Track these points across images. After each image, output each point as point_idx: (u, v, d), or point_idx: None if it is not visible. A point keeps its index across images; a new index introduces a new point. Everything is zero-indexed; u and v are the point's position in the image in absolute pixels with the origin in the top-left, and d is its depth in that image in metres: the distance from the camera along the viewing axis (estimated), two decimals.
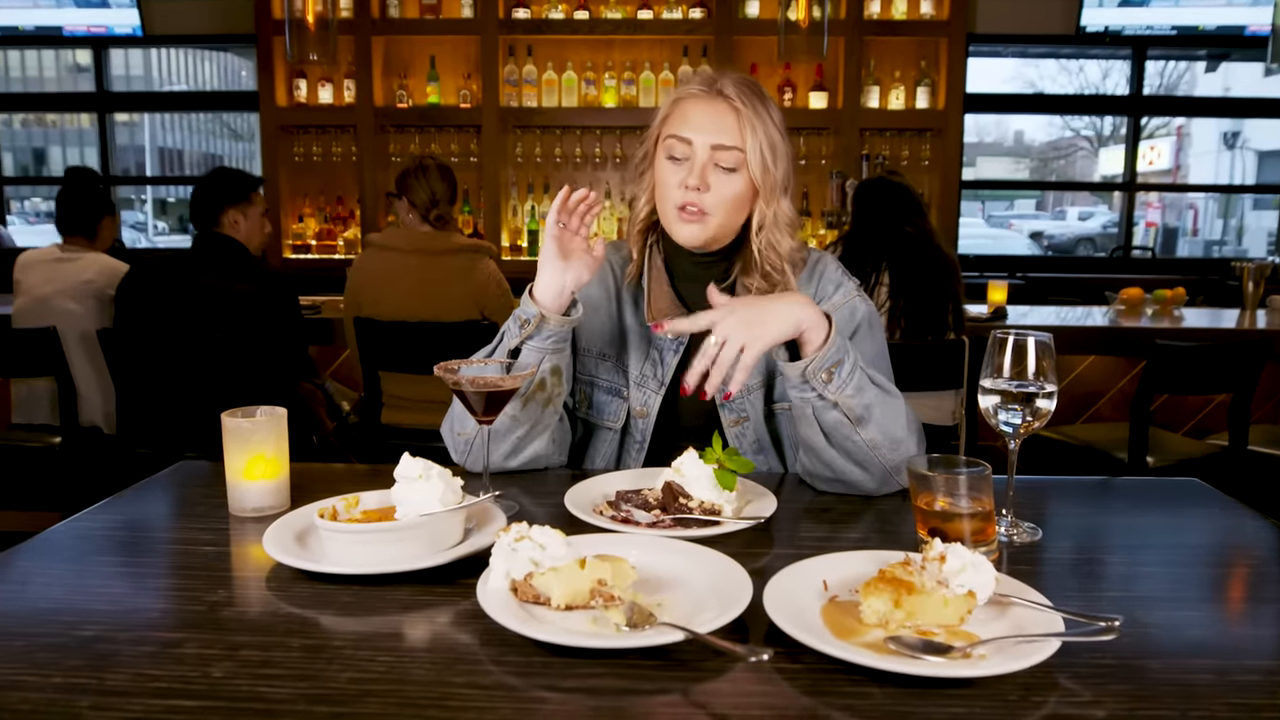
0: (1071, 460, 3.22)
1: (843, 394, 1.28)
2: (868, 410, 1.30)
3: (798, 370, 1.28)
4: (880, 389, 1.33)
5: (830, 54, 4.81)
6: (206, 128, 20.16)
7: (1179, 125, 12.38)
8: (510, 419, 1.37)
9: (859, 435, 1.30)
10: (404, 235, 3.04)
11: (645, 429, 1.52)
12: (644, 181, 1.53)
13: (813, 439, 1.32)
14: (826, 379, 1.27)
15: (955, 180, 5.32)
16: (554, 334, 1.35)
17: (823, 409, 1.30)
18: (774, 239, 1.46)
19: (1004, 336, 1.14)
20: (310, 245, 5.51)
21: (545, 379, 1.36)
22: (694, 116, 1.44)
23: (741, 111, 1.42)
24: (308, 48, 3.59)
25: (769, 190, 1.44)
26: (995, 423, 1.16)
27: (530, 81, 5.22)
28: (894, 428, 1.32)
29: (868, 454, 1.31)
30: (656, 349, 1.53)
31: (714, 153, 1.42)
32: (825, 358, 1.27)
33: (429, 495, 1.04)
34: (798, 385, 1.30)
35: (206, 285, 2.83)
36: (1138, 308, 4.14)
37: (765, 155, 1.42)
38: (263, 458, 1.20)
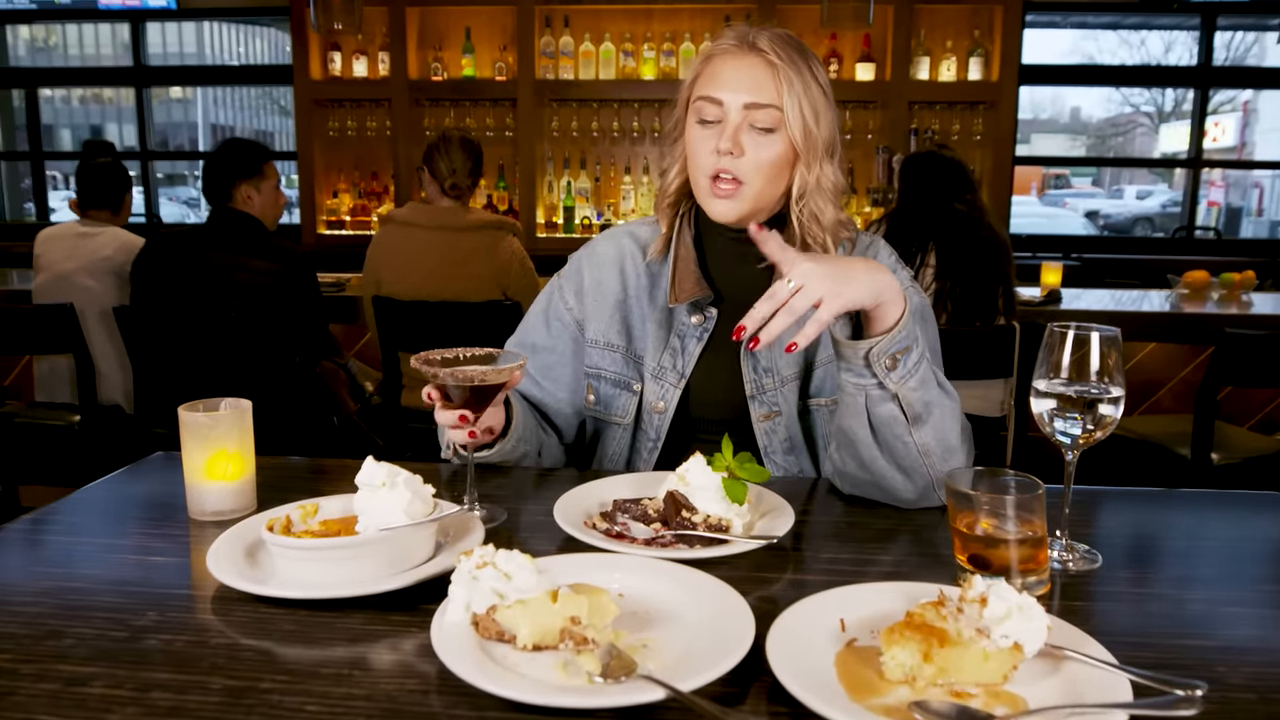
0: (1129, 456, 3.01)
1: (905, 385, 1.13)
2: (927, 409, 1.15)
3: (861, 351, 1.12)
4: (942, 389, 1.18)
5: (878, 23, 4.58)
6: (256, 103, 20.31)
7: (1245, 100, 11.85)
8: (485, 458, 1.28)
9: (912, 436, 1.14)
10: (425, 211, 2.92)
11: (661, 425, 1.39)
12: (675, 150, 1.39)
13: (857, 432, 1.17)
14: (890, 365, 1.12)
15: (1008, 156, 5.07)
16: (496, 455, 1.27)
17: (879, 399, 1.14)
18: (817, 208, 1.32)
19: (1062, 330, 0.97)
20: (345, 221, 5.43)
21: (506, 459, 1.30)
22: (725, 74, 1.29)
23: (778, 65, 1.27)
24: (333, 17, 3.47)
25: (810, 153, 1.29)
26: (1050, 431, 1.00)
27: (567, 53, 5.07)
28: (950, 434, 1.16)
29: (916, 459, 1.15)
30: (678, 337, 1.38)
31: (748, 113, 1.27)
32: (895, 340, 1.11)
33: (393, 506, 0.91)
34: (857, 369, 1.14)
35: (221, 262, 2.74)
36: (1202, 292, 3.89)
37: (805, 114, 1.27)
38: (224, 454, 1.08)
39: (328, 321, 3.11)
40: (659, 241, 1.41)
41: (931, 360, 1.20)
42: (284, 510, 0.99)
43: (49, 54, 14.21)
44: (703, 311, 1.38)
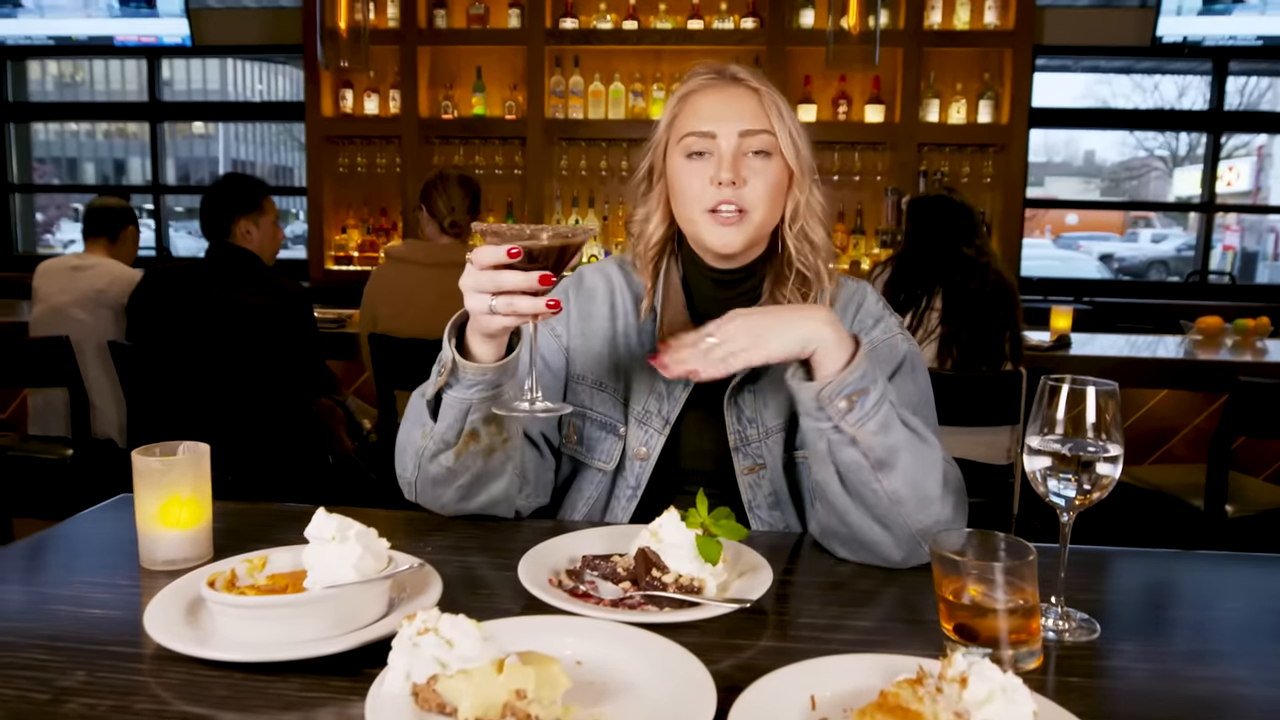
0: (1139, 507, 2.93)
1: (863, 429, 1.08)
2: (892, 454, 1.09)
3: (812, 392, 1.09)
4: (913, 433, 1.12)
5: (887, 65, 4.58)
6: (276, 139, 20.58)
7: (1260, 145, 11.81)
8: (445, 469, 1.18)
9: (880, 483, 1.09)
10: (422, 248, 2.89)
11: (642, 473, 1.32)
12: (651, 199, 1.35)
13: (829, 483, 1.12)
14: (846, 407, 1.07)
15: (1019, 199, 5.03)
16: (478, 382, 1.11)
17: (839, 444, 1.09)
18: (809, 228, 1.30)
19: (1055, 384, 0.92)
20: (353, 257, 5.44)
21: (478, 430, 1.15)
22: (710, 106, 1.27)
23: (762, 91, 1.27)
24: (340, 54, 3.49)
25: (803, 174, 1.28)
26: (1043, 491, 0.94)
27: (576, 93, 5.09)
28: (924, 482, 1.10)
29: (889, 508, 1.09)
30: (664, 381, 1.32)
31: (742, 140, 1.25)
32: (845, 382, 1.07)
33: (343, 561, 0.86)
34: (812, 411, 1.10)
35: (219, 297, 2.72)
36: (1216, 338, 3.81)
37: (794, 135, 1.27)
38: (178, 500, 1.04)
39: (324, 358, 3.08)
40: (648, 298, 1.36)
41: (919, 409, 1.15)
42: (231, 563, 0.94)
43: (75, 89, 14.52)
44: None
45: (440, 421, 1.15)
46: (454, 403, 1.13)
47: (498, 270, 1.00)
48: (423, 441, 1.17)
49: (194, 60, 9.69)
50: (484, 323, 1.05)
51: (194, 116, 8.43)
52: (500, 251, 0.99)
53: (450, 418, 1.14)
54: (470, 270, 1.02)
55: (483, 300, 1.01)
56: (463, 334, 1.12)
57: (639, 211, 1.38)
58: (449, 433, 1.14)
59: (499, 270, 1.00)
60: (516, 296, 1.00)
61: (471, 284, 1.02)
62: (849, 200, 5.06)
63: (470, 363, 1.10)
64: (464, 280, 1.03)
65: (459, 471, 1.18)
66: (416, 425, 1.19)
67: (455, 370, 1.11)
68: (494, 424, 1.15)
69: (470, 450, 1.16)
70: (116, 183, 12.62)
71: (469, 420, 1.14)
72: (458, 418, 1.13)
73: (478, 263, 1.00)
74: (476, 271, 1.01)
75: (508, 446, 1.18)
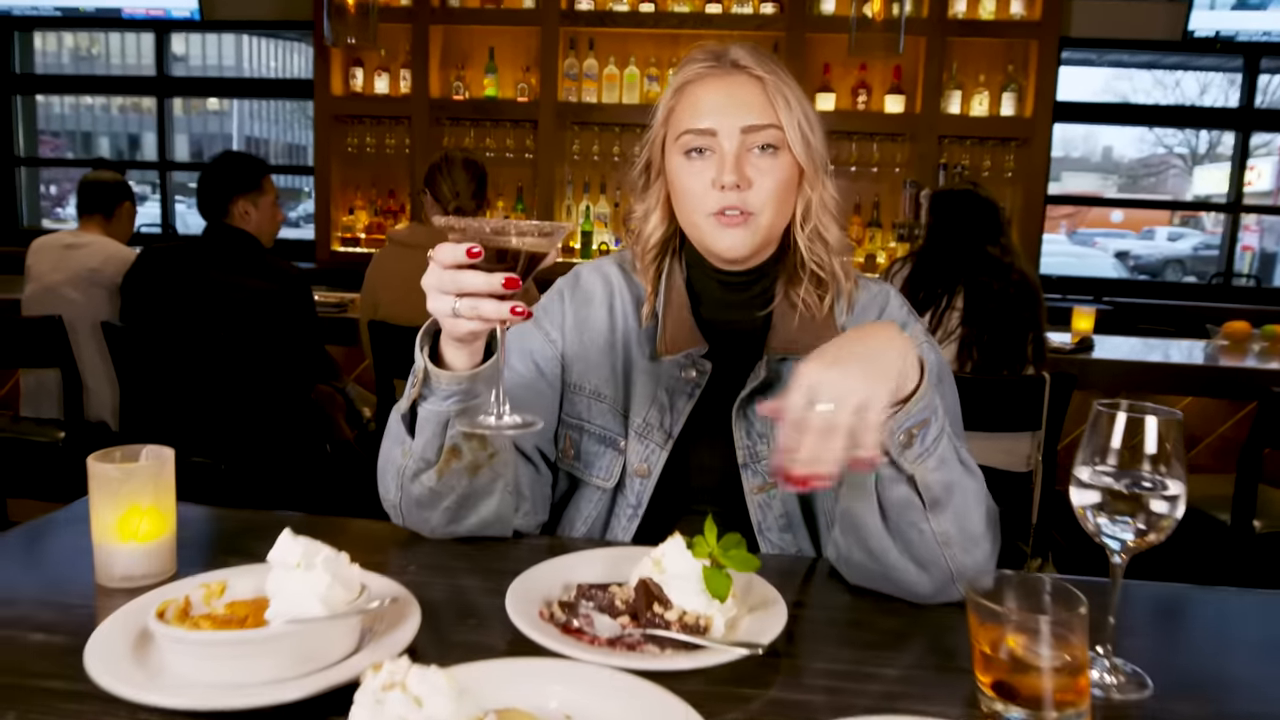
0: None
1: (923, 465, 0.97)
2: (948, 492, 0.98)
3: None
4: (965, 468, 1.02)
5: (909, 55, 4.46)
6: (290, 117, 20.51)
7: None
8: (428, 490, 1.08)
9: (929, 524, 0.98)
10: (425, 233, 2.80)
11: (643, 491, 1.21)
12: (650, 196, 1.24)
13: (865, 518, 1.01)
14: (905, 442, 0.96)
15: (1040, 194, 4.90)
16: (453, 392, 1.02)
17: (891, 481, 0.99)
18: (822, 226, 1.19)
19: (1109, 410, 0.82)
20: (360, 239, 5.35)
21: (459, 445, 1.05)
22: (710, 99, 1.15)
23: (766, 80, 1.15)
24: (348, 31, 3.39)
25: (813, 169, 1.17)
26: (1092, 529, 0.84)
27: (591, 76, 4.98)
28: (972, 520, 1.00)
29: (934, 551, 0.99)
30: (667, 391, 1.22)
31: (746, 137, 1.14)
32: (912, 413, 0.95)
33: (309, 592, 0.77)
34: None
35: (216, 280, 2.63)
36: (1243, 344, 3.70)
37: (804, 127, 1.15)
38: (137, 510, 0.95)
39: (323, 344, 3.00)
40: (649, 302, 1.26)
41: (952, 432, 1.05)
42: (188, 585, 0.85)
43: (91, 62, 14.45)
44: (695, 365, 1.21)
45: (418, 438, 1.06)
46: (430, 416, 1.04)
47: (460, 270, 0.91)
48: (402, 460, 1.08)
49: (209, 36, 9.58)
50: (449, 326, 0.96)
51: (202, 92, 8.35)
52: (460, 250, 0.89)
53: (428, 433, 1.05)
54: (432, 268, 0.93)
55: (445, 301, 0.92)
56: (437, 341, 1.03)
57: (638, 208, 1.27)
58: (428, 450, 1.05)
59: (461, 270, 0.90)
60: (481, 299, 0.91)
61: (433, 283, 0.93)
62: (866, 192, 4.94)
63: (443, 371, 1.01)
64: (426, 279, 0.94)
65: (443, 492, 1.08)
66: (395, 443, 1.10)
67: (428, 380, 1.02)
68: (477, 439, 1.05)
69: (453, 468, 1.06)
70: (130, 157, 12.55)
71: (448, 435, 1.04)
72: (436, 432, 1.04)
73: (438, 260, 0.92)
74: (439, 270, 0.92)
75: (495, 463, 1.09)
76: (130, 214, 3.21)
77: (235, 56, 17.89)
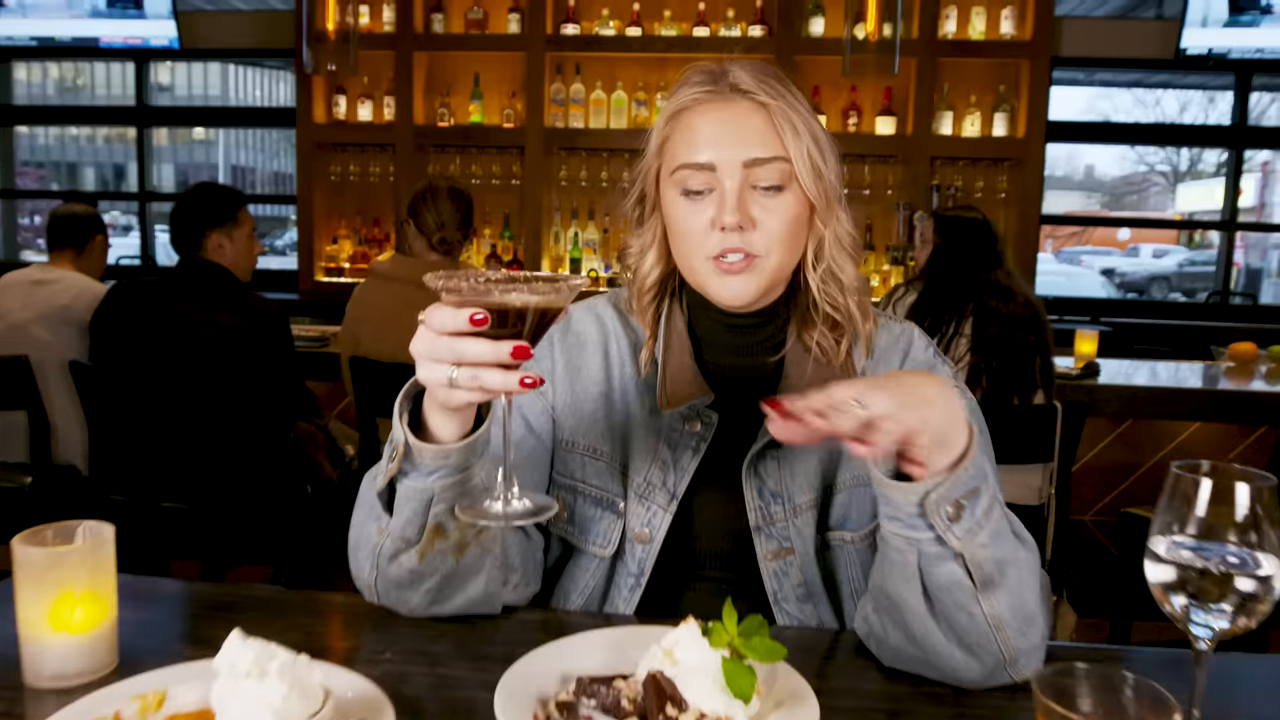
0: None
1: (974, 541, 0.85)
2: (1001, 569, 0.87)
3: (914, 496, 0.85)
4: (1017, 538, 0.91)
5: (900, 76, 4.40)
6: (276, 146, 20.49)
7: (1264, 161, 11.70)
8: (408, 571, 0.96)
9: (980, 606, 0.87)
10: (409, 265, 2.69)
11: (645, 559, 1.09)
12: (646, 232, 1.12)
13: (906, 600, 0.89)
14: (953, 515, 0.85)
15: (1034, 215, 4.84)
16: (439, 467, 0.90)
17: (937, 559, 0.87)
18: (836, 266, 1.08)
19: (1190, 475, 0.72)
20: (344, 268, 5.26)
21: (444, 524, 0.93)
22: (707, 130, 1.03)
23: (771, 105, 1.03)
24: (327, 57, 3.29)
25: (825, 203, 1.05)
26: (1172, 612, 0.73)
27: (577, 101, 4.91)
28: (1028, 598, 0.89)
29: (985, 634, 0.87)
30: (669, 447, 1.09)
31: (748, 172, 1.02)
32: (960, 480, 0.84)
33: (261, 705, 0.66)
34: (907, 518, 0.87)
35: (187, 316, 2.51)
36: (1249, 365, 3.62)
37: (814, 157, 1.03)
38: (69, 598, 0.83)
39: (303, 381, 2.88)
40: (647, 348, 1.13)
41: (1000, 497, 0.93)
42: (122, 691, 0.73)
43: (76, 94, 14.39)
44: (700, 417, 1.09)
45: (397, 516, 0.93)
46: (412, 494, 0.91)
47: (457, 337, 0.79)
48: (378, 539, 0.96)
49: (195, 66, 9.52)
50: (442, 397, 0.84)
51: (182, 121, 8.25)
52: (460, 317, 0.77)
53: (408, 512, 0.92)
54: (423, 334, 0.80)
55: (440, 371, 0.80)
56: (418, 405, 0.91)
57: (634, 243, 1.15)
58: (408, 529, 0.93)
59: (459, 337, 0.79)
60: (484, 369, 0.79)
61: (425, 351, 0.80)
62: (858, 215, 4.87)
63: (428, 444, 0.88)
64: (416, 345, 0.81)
65: (425, 573, 0.96)
66: (370, 518, 0.97)
67: (410, 454, 0.89)
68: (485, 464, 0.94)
69: (437, 548, 0.94)
70: (115, 188, 12.43)
71: (432, 513, 0.92)
72: (418, 511, 0.92)
73: (432, 327, 0.79)
74: (432, 337, 0.80)
75: (484, 539, 0.97)
76: (103, 248, 3.09)
77: (221, 86, 17.88)
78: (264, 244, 3.57)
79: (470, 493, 0.92)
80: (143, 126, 5.75)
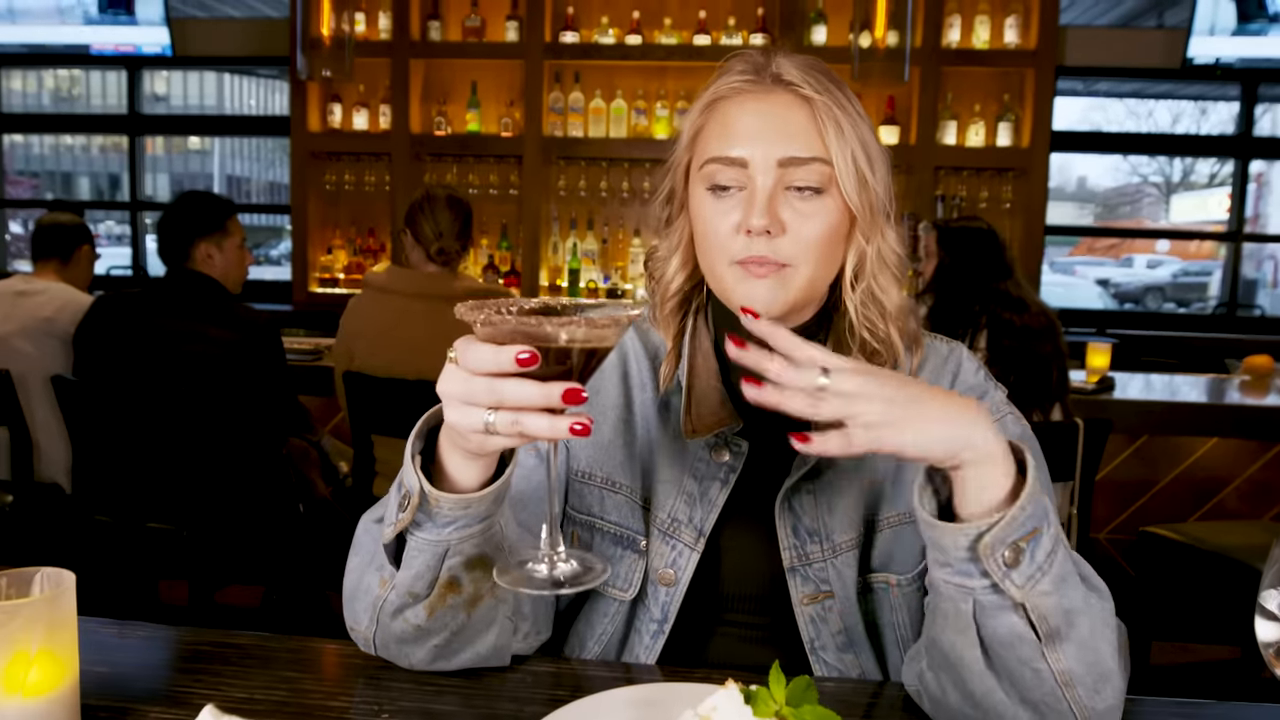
0: (1199, 572, 2.63)
1: (1035, 589, 0.76)
2: (1068, 620, 0.77)
3: (964, 539, 0.76)
4: (1086, 584, 0.80)
5: (903, 85, 4.34)
6: (271, 155, 20.40)
7: (1259, 172, 11.71)
8: (414, 627, 0.86)
9: (1047, 661, 0.77)
10: (405, 277, 2.60)
11: (669, 603, 0.99)
12: (674, 234, 1.03)
13: (962, 655, 0.80)
14: (1011, 560, 0.75)
15: (1039, 225, 4.78)
16: (457, 518, 0.80)
17: (994, 609, 0.77)
18: (879, 288, 0.98)
19: None
20: (338, 279, 5.18)
21: (458, 577, 0.83)
22: (743, 122, 0.94)
23: (815, 100, 0.93)
24: (322, 63, 3.21)
25: (869, 216, 0.95)
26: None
27: (576, 109, 4.83)
28: (1103, 651, 0.79)
29: (1053, 693, 0.78)
30: (695, 479, 0.99)
31: (783, 171, 0.92)
32: (1015, 522, 0.75)
33: None
34: (958, 563, 0.77)
35: (172, 330, 2.42)
36: (1266, 379, 3.54)
37: (860, 163, 0.93)
38: (24, 658, 0.74)
39: (295, 395, 2.79)
40: (666, 366, 1.03)
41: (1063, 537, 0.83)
42: None
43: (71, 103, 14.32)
44: (729, 446, 1.00)
45: (405, 570, 0.83)
46: (424, 547, 0.82)
47: (498, 378, 0.69)
48: (380, 591, 0.86)
49: (190, 75, 9.44)
50: (475, 443, 0.74)
51: (174, 130, 8.16)
52: (504, 356, 0.67)
53: (419, 566, 0.82)
54: (455, 374, 0.70)
55: (475, 416, 0.70)
56: (429, 443, 0.82)
57: (661, 247, 1.06)
58: (417, 584, 0.83)
59: (500, 378, 0.69)
60: (527, 414, 0.69)
61: (459, 393, 0.70)
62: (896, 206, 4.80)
63: (446, 494, 0.78)
64: (447, 387, 0.71)
65: (433, 630, 0.86)
66: (370, 568, 0.87)
67: (425, 504, 0.79)
68: (480, 567, 0.84)
69: (448, 603, 0.84)
70: (110, 197, 12.33)
71: (446, 566, 0.83)
72: (429, 565, 0.82)
73: (469, 367, 0.69)
74: (465, 377, 0.70)
75: (498, 590, 0.87)
76: (89, 258, 2.99)
77: (216, 96, 17.80)
78: (258, 254, 3.48)
79: (490, 543, 0.83)
80: (135, 135, 5.68)
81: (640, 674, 0.95)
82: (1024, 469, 0.77)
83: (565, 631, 1.06)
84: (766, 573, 0.99)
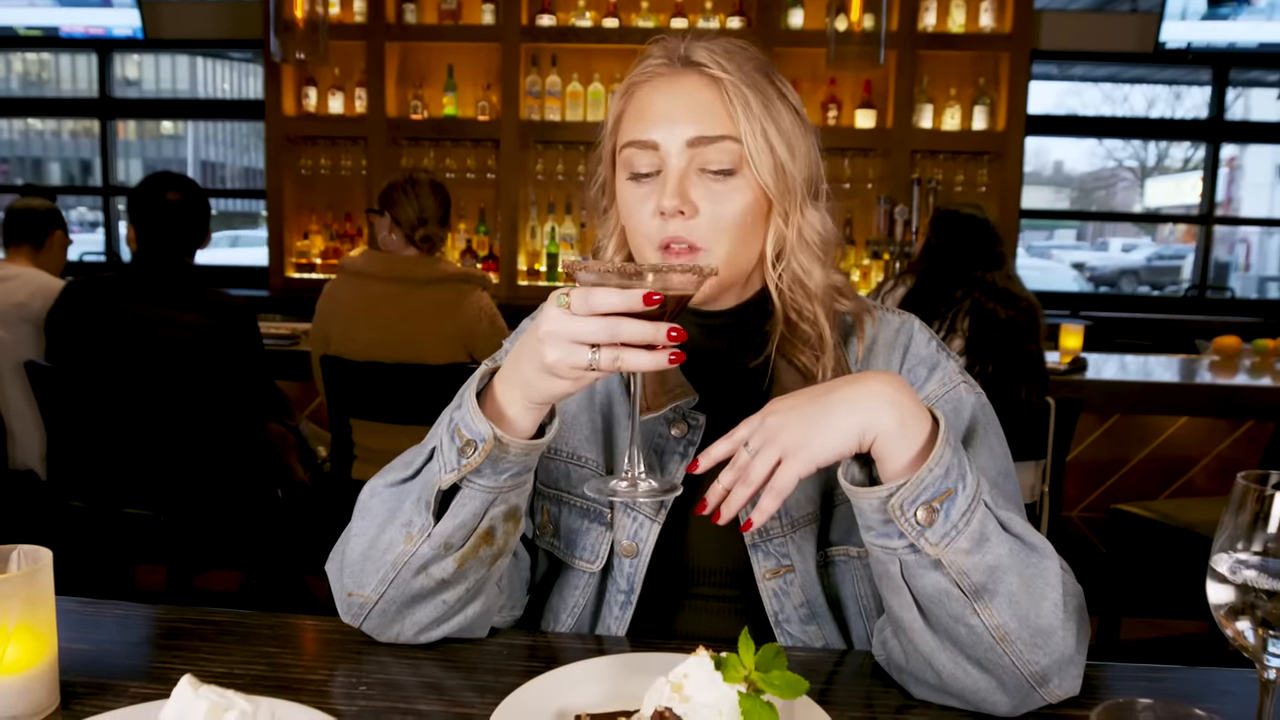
0: (1168, 548, 2.68)
1: (951, 547, 0.79)
2: (993, 577, 0.80)
3: (875, 501, 0.80)
4: (1017, 540, 0.83)
5: (879, 69, 4.35)
6: (245, 140, 20.16)
7: (1231, 156, 11.81)
8: (435, 582, 0.89)
9: (978, 617, 0.80)
10: (382, 260, 2.59)
11: (634, 574, 1.00)
12: (609, 221, 1.05)
13: (902, 615, 0.84)
14: (925, 519, 0.79)
15: (1014, 209, 4.81)
16: (516, 465, 0.86)
17: (918, 568, 0.81)
18: (800, 269, 0.99)
19: (1257, 486, 0.65)
20: (315, 264, 5.14)
21: (495, 527, 0.89)
22: (656, 105, 0.95)
23: (724, 80, 0.94)
24: (295, 45, 3.19)
25: (787, 196, 0.96)
26: (1235, 634, 0.67)
27: (554, 93, 4.81)
28: (1039, 608, 0.81)
29: (991, 649, 0.80)
30: (655, 453, 1.01)
31: (694, 152, 0.94)
32: (923, 482, 0.78)
33: None
34: (877, 526, 0.82)
35: (143, 315, 2.40)
36: (1234, 359, 3.60)
37: (774, 142, 0.94)
38: (2, 633, 0.74)
39: (272, 380, 2.77)
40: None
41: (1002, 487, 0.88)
42: None
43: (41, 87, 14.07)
44: (686, 420, 1.01)
45: (449, 519, 0.87)
46: (476, 494, 0.86)
47: (618, 318, 0.76)
48: (407, 547, 0.88)
49: (162, 59, 9.31)
50: (557, 386, 0.80)
51: (146, 114, 8.07)
52: (632, 297, 0.75)
53: (465, 515, 0.87)
54: (564, 317, 0.76)
55: (580, 354, 0.76)
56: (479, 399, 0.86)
57: (599, 233, 1.08)
58: (458, 533, 0.87)
59: (619, 318, 0.76)
60: (630, 350, 0.76)
61: (576, 332, 0.76)
62: (837, 209, 4.82)
63: (517, 439, 0.84)
64: (556, 325, 0.77)
65: (453, 583, 0.89)
66: (395, 526, 0.89)
67: (494, 450, 0.84)
68: (513, 520, 0.90)
69: (480, 555, 0.89)
70: (82, 183, 12.15)
71: (489, 515, 0.87)
72: (475, 513, 0.87)
73: (594, 307, 0.76)
74: (584, 318, 0.76)
75: (512, 546, 0.92)
76: (62, 243, 2.96)
77: (189, 79, 17.55)
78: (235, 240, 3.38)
79: (524, 496, 0.91)
80: (106, 119, 5.60)
81: (612, 645, 0.97)
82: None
83: (540, 605, 1.07)
84: (728, 547, 1.00)
